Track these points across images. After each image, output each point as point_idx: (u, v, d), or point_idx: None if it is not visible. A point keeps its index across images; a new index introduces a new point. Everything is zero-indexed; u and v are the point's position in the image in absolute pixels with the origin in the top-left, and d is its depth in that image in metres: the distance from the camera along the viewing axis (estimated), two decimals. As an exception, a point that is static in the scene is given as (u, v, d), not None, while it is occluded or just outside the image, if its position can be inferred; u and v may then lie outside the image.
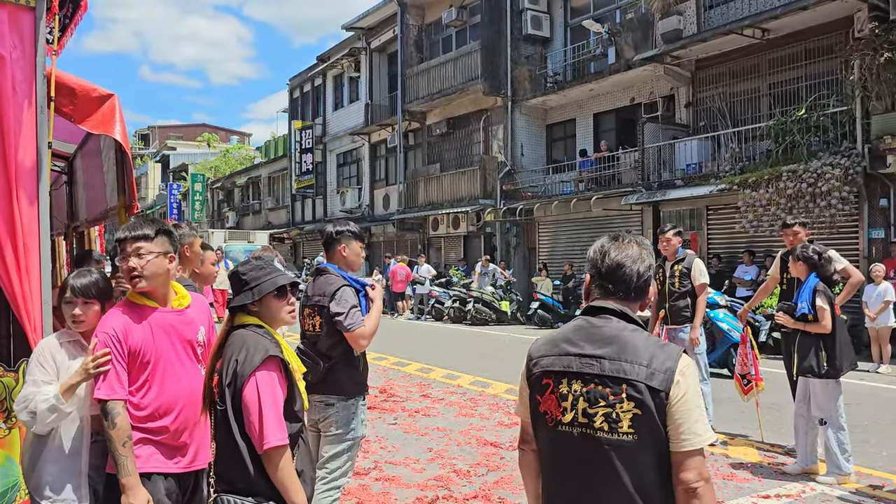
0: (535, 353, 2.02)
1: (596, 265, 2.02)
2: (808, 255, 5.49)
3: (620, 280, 1.97)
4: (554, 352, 1.97)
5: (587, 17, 19.03)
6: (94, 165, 5.04)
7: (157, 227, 2.73)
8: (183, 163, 50.88)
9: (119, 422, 2.55)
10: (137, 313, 2.69)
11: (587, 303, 2.06)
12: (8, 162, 2.94)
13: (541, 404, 1.95)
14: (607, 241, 2.05)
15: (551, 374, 1.94)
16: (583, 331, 1.96)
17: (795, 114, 13.12)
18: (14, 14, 2.91)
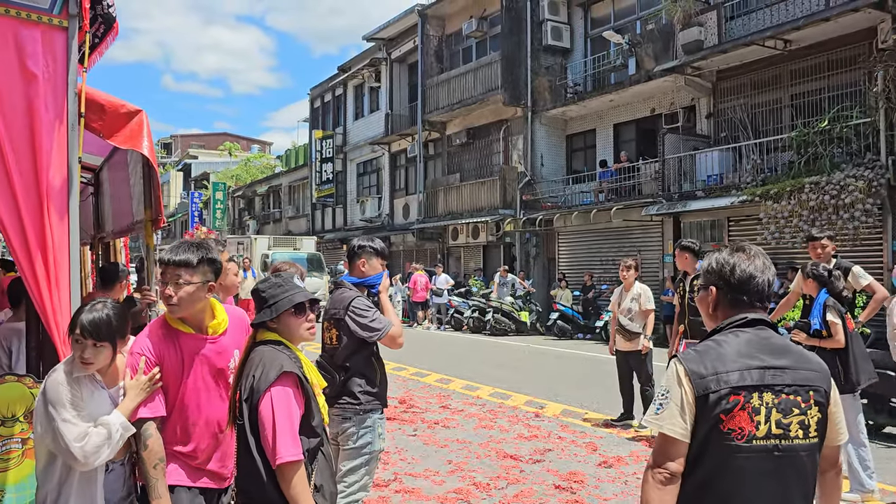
0: (709, 370, 1.93)
1: (724, 277, 2.05)
2: (818, 273, 5.47)
3: (754, 291, 2.03)
4: (736, 367, 1.93)
5: (608, 27, 19.02)
6: (120, 178, 5.13)
7: (201, 254, 2.66)
8: (204, 171, 51.41)
9: (151, 443, 2.56)
10: (171, 337, 2.69)
11: (713, 315, 2.09)
12: (40, 178, 3.00)
13: (724, 422, 1.90)
14: (732, 254, 2.07)
15: (742, 389, 1.90)
16: (755, 343, 1.97)
17: (818, 125, 13.01)
18: (47, 34, 2.98)
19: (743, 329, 2.00)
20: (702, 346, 2.01)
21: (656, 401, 1.99)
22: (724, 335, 2.01)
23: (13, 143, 2.90)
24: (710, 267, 2.11)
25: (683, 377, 1.94)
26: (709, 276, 2.11)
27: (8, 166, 2.88)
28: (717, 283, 2.07)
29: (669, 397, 1.96)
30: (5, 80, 2.88)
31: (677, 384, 1.95)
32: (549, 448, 6.74)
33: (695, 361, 1.96)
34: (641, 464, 6.24)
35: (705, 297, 2.12)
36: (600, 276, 18.01)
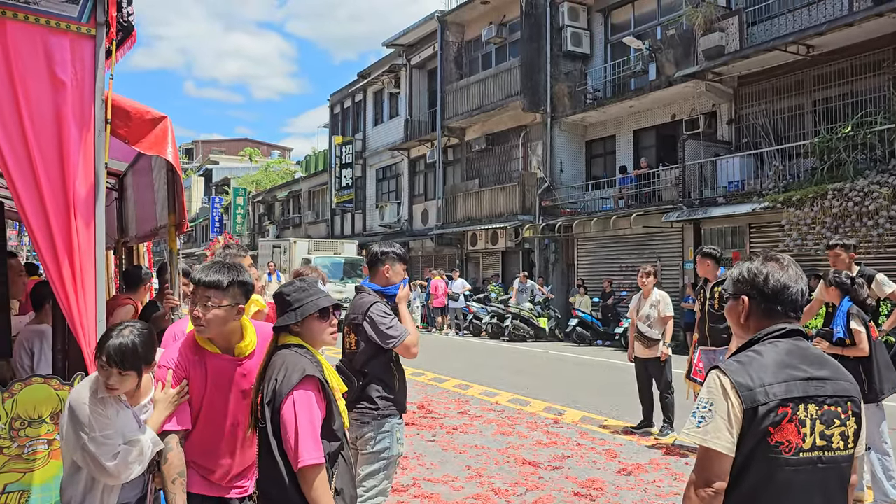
0: (756, 382, 1.89)
1: (758, 287, 2.03)
2: (840, 281, 5.40)
3: (788, 301, 2.02)
4: (782, 378, 1.90)
5: (628, 33, 18.97)
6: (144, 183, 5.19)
7: (231, 276, 2.63)
8: (225, 177, 51.86)
9: (171, 457, 2.58)
10: (198, 355, 2.70)
11: (744, 325, 2.06)
12: (67, 183, 3.05)
13: (772, 435, 1.87)
14: (764, 263, 2.05)
15: (789, 401, 1.88)
16: (796, 354, 1.96)
17: (841, 131, 12.88)
18: (76, 42, 3.03)
19: (780, 339, 1.98)
20: (743, 356, 1.96)
21: (697, 413, 1.93)
22: (763, 346, 1.97)
23: (42, 148, 2.95)
24: (741, 276, 2.07)
25: (730, 389, 1.89)
26: (740, 286, 2.07)
27: (36, 171, 2.93)
28: (750, 292, 2.04)
29: (714, 410, 1.90)
30: (35, 88, 2.94)
31: (723, 397, 1.89)
32: (568, 455, 6.72)
33: (740, 373, 1.91)
34: (661, 472, 6.20)
35: (736, 307, 2.08)
36: (619, 282, 17.92)
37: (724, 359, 6.33)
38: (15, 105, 2.90)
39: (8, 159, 2.90)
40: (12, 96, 2.90)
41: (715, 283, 6.67)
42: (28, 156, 2.94)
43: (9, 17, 2.90)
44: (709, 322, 6.65)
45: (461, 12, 23.53)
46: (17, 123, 2.91)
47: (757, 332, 2.03)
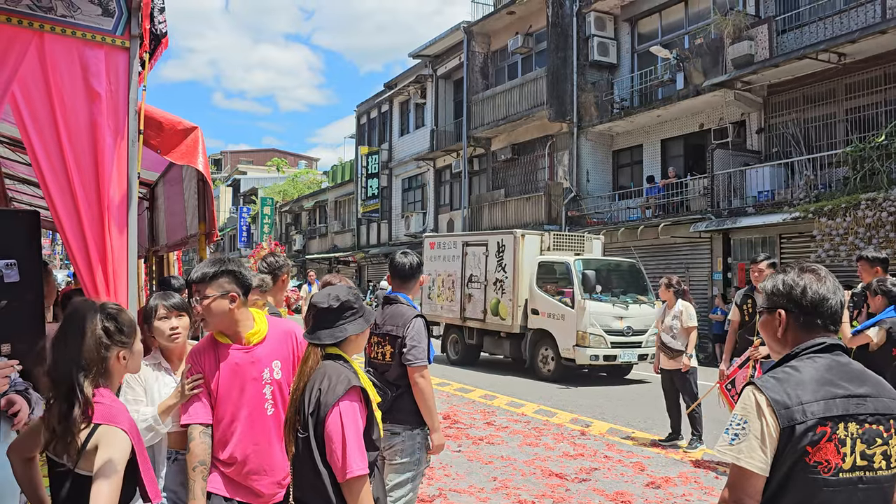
0: (793, 400, 1.82)
1: (795, 300, 1.97)
2: (887, 288, 5.29)
3: (827, 314, 1.96)
4: (821, 396, 1.83)
5: (655, 42, 18.87)
6: (175, 193, 5.27)
7: (216, 268, 2.78)
8: (253, 187, 52.41)
9: (193, 446, 2.70)
10: (213, 349, 2.83)
11: (781, 339, 2.00)
12: (101, 192, 3.10)
13: (810, 455, 1.80)
14: (801, 275, 1.99)
15: (828, 420, 1.81)
16: (836, 370, 1.90)
17: (874, 140, 12.67)
18: (110, 54, 3.09)
19: (820, 354, 1.92)
20: (780, 372, 1.90)
21: (731, 429, 1.86)
22: (801, 361, 1.91)
23: (77, 158, 3.00)
24: (776, 289, 2.01)
25: (765, 407, 1.82)
26: (776, 299, 2.01)
27: (72, 181, 2.99)
28: (787, 305, 1.98)
29: (748, 428, 1.83)
30: (71, 99, 2.99)
31: (757, 415, 1.82)
32: (596, 467, 6.65)
33: (776, 390, 1.84)
34: (690, 485, 6.11)
35: (772, 321, 2.01)
36: (647, 293, 17.73)
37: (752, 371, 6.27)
38: (52, 116, 2.97)
39: (44, 169, 2.96)
40: (49, 107, 2.96)
41: None
42: (64, 165, 2.99)
43: (46, 30, 2.97)
44: (758, 333, 6.53)
45: (487, 23, 23.59)
46: (54, 134, 2.97)
47: (795, 346, 1.97)
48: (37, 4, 2.96)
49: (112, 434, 2.10)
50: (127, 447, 2.12)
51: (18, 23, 2.94)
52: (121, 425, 2.13)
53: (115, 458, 2.07)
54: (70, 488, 2.16)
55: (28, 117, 2.94)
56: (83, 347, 2.14)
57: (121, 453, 2.09)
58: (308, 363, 2.51)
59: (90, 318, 2.18)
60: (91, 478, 2.08)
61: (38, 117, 2.96)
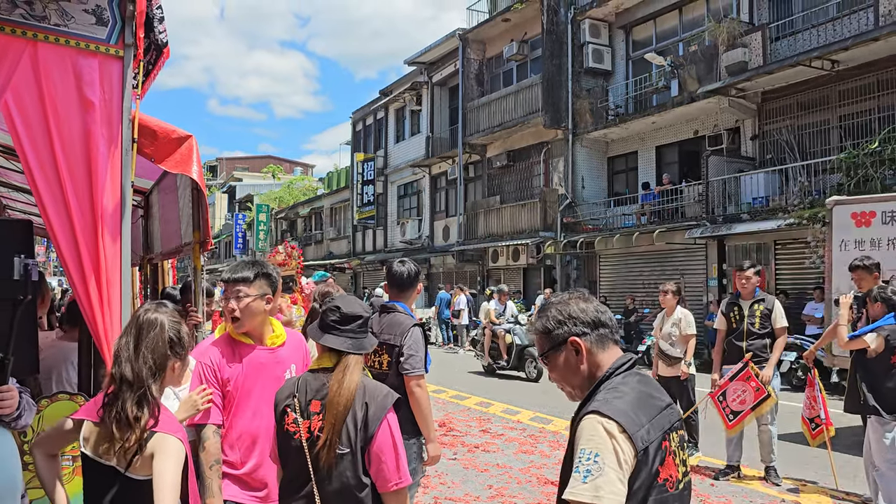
0: (639, 419, 1.74)
1: (582, 321, 1.89)
2: (887, 296, 5.29)
3: (611, 325, 1.93)
4: (653, 412, 1.79)
5: (649, 49, 18.94)
6: (169, 201, 5.25)
7: (256, 270, 2.90)
8: (249, 193, 52.38)
9: (208, 445, 2.74)
10: (233, 349, 2.89)
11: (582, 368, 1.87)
12: (95, 201, 3.09)
13: (660, 473, 1.74)
14: (568, 302, 1.92)
15: (665, 433, 1.78)
16: (646, 383, 1.87)
17: (868, 146, 12.72)
18: (104, 63, 3.08)
19: (629, 370, 1.85)
20: (612, 396, 1.77)
21: (581, 466, 1.68)
22: (620, 379, 1.83)
23: (70, 167, 3.00)
24: (556, 321, 1.88)
25: (619, 434, 1.69)
26: (561, 331, 1.87)
27: (65, 189, 2.98)
28: (577, 330, 1.86)
29: (603, 462, 1.66)
30: (64, 108, 2.99)
31: (610, 444, 1.68)
32: (591, 474, 6.63)
33: (623, 413, 1.72)
34: (686, 493, 6.09)
35: (567, 357, 1.87)
36: (642, 299, 17.78)
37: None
38: (45, 124, 2.96)
39: (37, 177, 2.95)
40: (42, 116, 2.96)
41: (754, 302, 6.57)
42: (57, 174, 2.99)
43: (40, 39, 2.96)
44: (747, 340, 6.54)
45: (482, 30, 23.66)
46: (47, 142, 2.97)
47: (603, 367, 1.86)
48: (30, 13, 2.96)
49: (169, 442, 2.15)
50: (182, 456, 2.16)
51: (12, 32, 2.93)
52: (177, 434, 2.16)
53: (175, 467, 2.11)
54: (119, 491, 2.19)
55: (21, 126, 2.94)
56: (156, 354, 2.23)
57: (179, 461, 2.13)
58: (355, 377, 2.42)
59: (161, 327, 2.27)
60: (141, 482, 2.12)
61: (31, 126, 2.95)
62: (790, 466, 6.68)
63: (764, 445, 6.46)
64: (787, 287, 14.48)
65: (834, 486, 6.19)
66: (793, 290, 14.31)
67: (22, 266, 2.65)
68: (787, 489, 6.22)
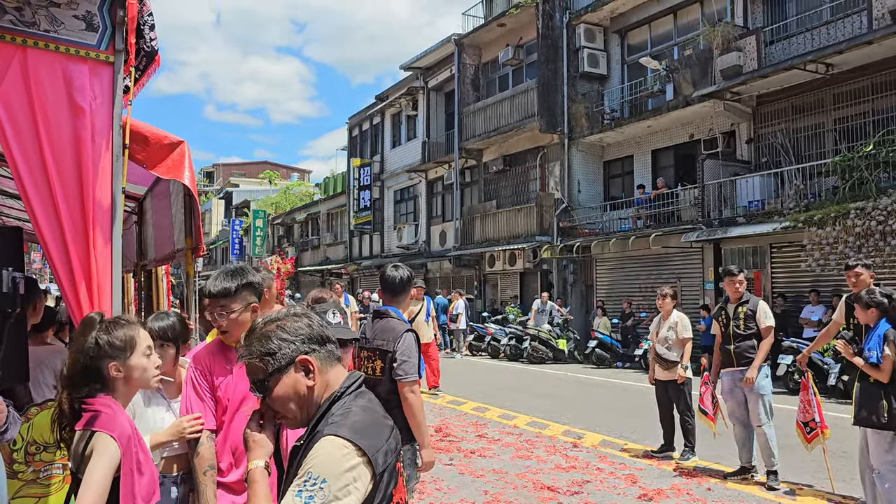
0: (378, 441, 1.66)
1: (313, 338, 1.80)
2: (878, 301, 5.22)
3: (334, 341, 1.85)
4: (385, 433, 1.71)
5: (644, 54, 18.99)
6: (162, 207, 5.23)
7: (237, 281, 2.82)
8: (245, 199, 52.31)
9: (202, 451, 2.72)
10: (225, 354, 2.87)
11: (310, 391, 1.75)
12: (86, 206, 3.08)
13: (394, 497, 1.69)
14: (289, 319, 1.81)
15: (396, 455, 1.73)
16: (374, 402, 1.80)
17: (863, 149, 12.75)
18: (94, 68, 3.07)
19: (358, 390, 1.78)
20: (345, 417, 1.67)
21: (303, 492, 1.53)
22: (353, 398, 1.74)
23: (60, 173, 2.98)
24: (287, 336, 1.75)
25: (358, 457, 1.59)
26: (290, 350, 1.73)
27: (55, 196, 2.96)
28: (308, 348, 1.75)
29: (329, 489, 1.53)
30: (54, 114, 2.97)
31: (348, 467, 1.57)
32: (588, 479, 6.62)
33: (362, 433, 1.63)
34: (683, 497, 6.08)
35: (297, 379, 1.73)
36: (639, 303, 17.78)
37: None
38: (34, 131, 2.94)
39: (27, 183, 2.93)
40: (32, 122, 2.94)
41: (738, 304, 6.61)
42: (47, 180, 2.97)
43: (29, 45, 2.95)
44: (734, 342, 6.57)
45: (478, 35, 23.69)
46: (37, 149, 2.95)
47: (330, 388, 1.76)
48: (20, 19, 2.94)
49: (103, 441, 2.11)
50: (115, 455, 2.11)
51: (1, 38, 2.92)
52: (111, 432, 2.13)
53: (103, 466, 2.07)
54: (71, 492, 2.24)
55: (10, 132, 2.92)
56: (72, 357, 2.25)
57: (107, 460, 2.09)
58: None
59: (88, 331, 2.27)
60: None
61: (20, 132, 2.94)
62: (786, 470, 6.66)
63: (761, 449, 6.45)
64: (783, 290, 14.49)
65: (830, 490, 6.18)
66: (789, 294, 14.32)
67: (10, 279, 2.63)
68: (783, 493, 6.21)
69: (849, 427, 7.21)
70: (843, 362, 10.28)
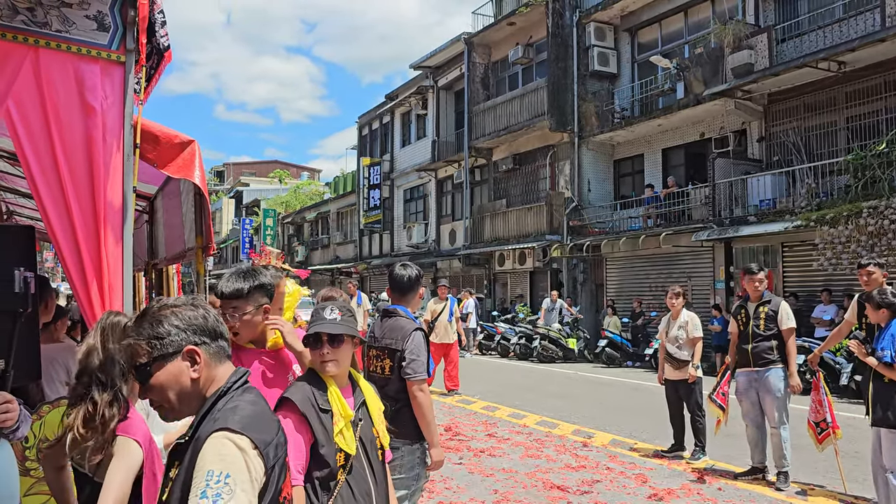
0: (268, 435, 1.65)
1: (206, 330, 1.76)
2: (889, 301, 5.20)
3: (224, 336, 1.84)
4: (275, 426, 1.72)
5: (655, 52, 18.92)
6: (173, 206, 5.26)
7: (250, 282, 2.82)
8: (256, 198, 52.50)
9: None
10: (236, 354, 2.85)
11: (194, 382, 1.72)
12: (97, 205, 3.09)
13: (282, 492, 1.69)
14: (183, 308, 1.75)
15: (284, 448, 1.73)
16: (259, 398, 1.76)
17: (875, 148, 12.66)
18: (106, 68, 3.09)
19: (243, 385, 1.75)
20: (238, 411, 1.64)
21: (208, 490, 1.49)
22: (240, 394, 1.71)
23: (72, 172, 3.00)
24: (179, 324, 1.71)
25: (251, 450, 1.57)
26: (183, 336, 1.70)
27: (67, 195, 2.98)
28: (200, 339, 1.71)
29: (234, 482, 1.51)
30: (66, 113, 2.99)
31: (243, 461, 1.55)
32: (598, 479, 6.61)
33: (253, 428, 1.61)
34: (694, 497, 6.06)
35: (182, 369, 1.68)
36: (649, 302, 17.71)
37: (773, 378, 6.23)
38: (46, 130, 2.97)
39: (39, 182, 2.96)
40: (44, 122, 2.97)
41: (759, 304, 6.56)
42: (59, 179, 2.99)
43: (41, 45, 2.97)
44: (752, 341, 6.52)
45: (488, 34, 23.66)
46: (49, 148, 2.97)
47: (216, 383, 1.72)
48: (32, 20, 2.97)
49: (126, 445, 2.12)
50: (138, 458, 2.12)
51: (13, 38, 2.94)
52: (135, 436, 2.13)
53: (124, 470, 2.07)
54: (90, 496, 2.21)
55: (23, 131, 2.94)
56: (123, 357, 2.20)
57: (131, 463, 2.10)
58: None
59: (124, 329, 2.25)
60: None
61: (32, 131, 2.96)
62: (798, 470, 6.63)
63: (774, 449, 6.43)
64: (795, 289, 14.40)
65: (842, 490, 6.14)
66: (801, 293, 14.23)
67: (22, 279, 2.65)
68: (794, 493, 6.17)
69: (861, 427, 7.18)
70: (856, 362, 10.21)
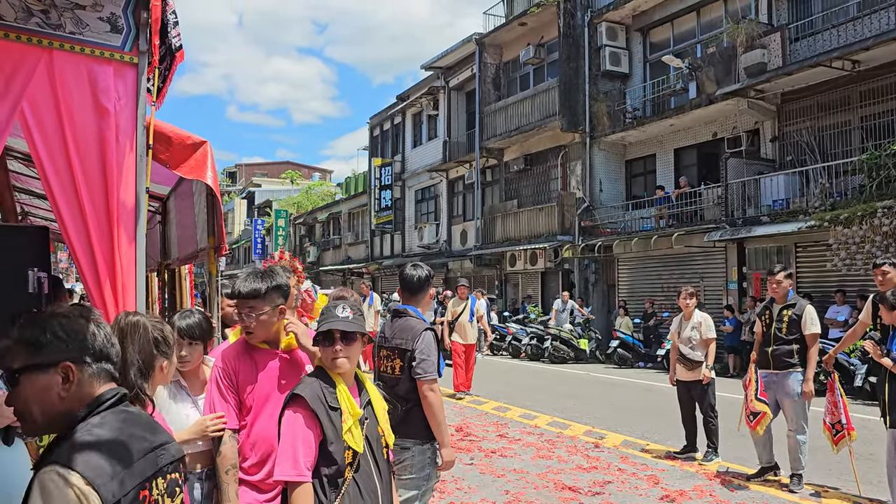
0: (113, 470, 1.52)
1: (87, 347, 1.65)
2: None
3: (116, 357, 1.73)
4: (135, 456, 1.59)
5: (667, 52, 18.84)
6: (186, 207, 5.29)
7: (267, 283, 2.86)
8: (267, 199, 52.68)
9: (224, 450, 2.76)
10: (250, 354, 2.90)
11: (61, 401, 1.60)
12: (110, 206, 3.11)
13: None
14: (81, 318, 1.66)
15: (146, 481, 1.59)
16: (133, 422, 1.66)
17: (890, 147, 12.55)
18: (119, 70, 3.11)
19: (115, 407, 1.63)
20: (83, 441, 1.53)
21: None
22: (101, 418, 1.59)
23: (86, 173, 3.02)
24: (63, 335, 1.59)
25: (83, 486, 1.45)
26: (63, 349, 1.58)
27: (80, 196, 3.00)
28: (81, 357, 1.60)
29: None
30: (80, 115, 3.01)
31: (73, 497, 1.44)
32: (609, 480, 6.59)
33: (89, 463, 1.49)
34: (706, 499, 6.03)
35: (52, 382, 1.56)
36: (661, 303, 17.65)
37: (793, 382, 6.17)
38: (60, 131, 2.99)
39: (53, 183, 2.97)
40: (58, 123, 2.99)
41: (784, 306, 6.50)
42: (72, 180, 3.01)
43: (55, 47, 2.99)
44: (773, 344, 6.47)
45: (499, 34, 23.65)
46: (63, 149, 2.99)
47: (81, 403, 1.60)
48: (45, 22, 2.99)
49: None
50: None
51: (28, 40, 2.97)
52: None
53: None
54: None
55: (37, 133, 2.96)
56: (143, 354, 2.24)
57: None
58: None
59: (144, 328, 2.29)
60: None
61: (46, 133, 2.98)
62: (812, 472, 6.58)
63: (790, 451, 6.39)
64: (809, 290, 14.29)
65: (857, 492, 6.09)
66: (815, 293, 14.12)
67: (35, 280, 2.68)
68: (809, 494, 6.13)
69: (876, 429, 7.11)
70: (870, 363, 10.13)
